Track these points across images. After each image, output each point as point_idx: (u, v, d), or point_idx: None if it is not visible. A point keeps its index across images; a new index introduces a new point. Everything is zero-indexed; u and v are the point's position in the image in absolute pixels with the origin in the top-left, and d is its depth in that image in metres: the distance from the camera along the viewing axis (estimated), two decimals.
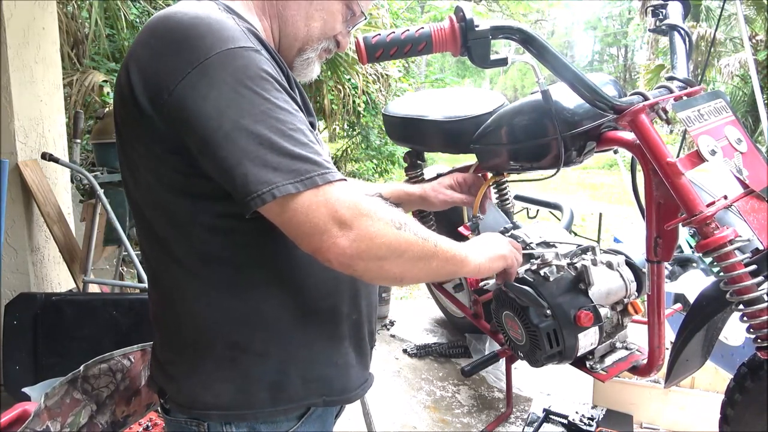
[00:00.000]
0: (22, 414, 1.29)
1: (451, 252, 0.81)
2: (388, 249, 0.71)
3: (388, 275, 0.74)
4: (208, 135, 0.68)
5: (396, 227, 0.72)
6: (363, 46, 1.02)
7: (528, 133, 1.47)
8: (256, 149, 0.67)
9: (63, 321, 1.96)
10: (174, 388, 0.84)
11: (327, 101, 5.31)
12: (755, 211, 1.16)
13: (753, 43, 8.66)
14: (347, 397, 0.88)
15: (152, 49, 0.72)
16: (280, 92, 0.71)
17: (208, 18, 0.71)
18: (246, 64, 0.69)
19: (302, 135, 0.70)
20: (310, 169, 0.68)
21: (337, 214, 0.68)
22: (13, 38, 2.09)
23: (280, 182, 0.66)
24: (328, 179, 0.69)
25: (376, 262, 0.71)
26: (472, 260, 0.86)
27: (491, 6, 14.74)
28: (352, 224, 0.68)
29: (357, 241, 0.68)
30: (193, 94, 0.68)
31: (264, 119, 0.68)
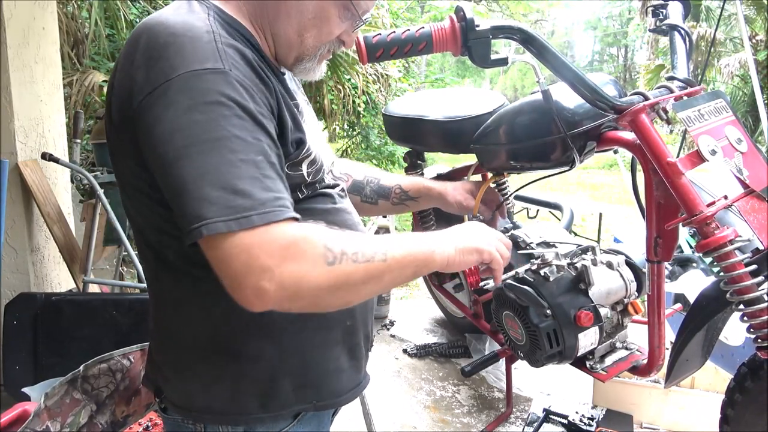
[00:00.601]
0: (22, 414, 1.29)
1: (410, 256, 0.75)
2: (319, 288, 0.67)
3: (330, 306, 0.72)
4: (157, 158, 0.67)
5: (329, 262, 0.67)
6: (363, 45, 1.02)
7: (528, 132, 1.47)
8: (197, 180, 0.64)
9: (63, 321, 1.96)
10: (170, 388, 0.85)
11: (327, 101, 5.31)
12: (755, 211, 1.16)
13: (753, 43, 8.65)
14: (338, 400, 0.88)
15: (129, 61, 0.71)
16: (240, 119, 0.67)
17: (183, 35, 0.69)
18: (207, 88, 0.66)
19: (253, 167, 0.65)
20: (249, 207, 0.63)
21: (259, 263, 0.63)
22: (13, 38, 2.09)
23: (213, 219, 0.62)
24: (270, 219, 0.64)
25: (309, 300, 0.68)
26: (439, 255, 0.80)
27: (491, 6, 14.74)
28: (274, 273, 0.63)
29: (280, 290, 0.64)
30: (150, 115, 0.67)
31: (211, 148, 0.64)
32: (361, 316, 0.90)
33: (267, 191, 0.65)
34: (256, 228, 0.63)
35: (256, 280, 0.63)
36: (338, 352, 0.87)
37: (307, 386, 0.84)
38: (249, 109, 0.68)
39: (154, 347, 0.89)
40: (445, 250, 0.80)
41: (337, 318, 0.86)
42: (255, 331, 0.80)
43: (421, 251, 0.78)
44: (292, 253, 0.65)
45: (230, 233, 0.62)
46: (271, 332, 0.80)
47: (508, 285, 1.49)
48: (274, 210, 0.65)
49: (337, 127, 7.55)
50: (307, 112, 0.93)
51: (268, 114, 0.72)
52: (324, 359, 0.85)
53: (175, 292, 0.81)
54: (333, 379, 0.87)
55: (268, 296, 0.64)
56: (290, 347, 0.82)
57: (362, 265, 0.70)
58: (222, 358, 0.81)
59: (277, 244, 0.64)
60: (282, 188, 0.68)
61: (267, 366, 0.81)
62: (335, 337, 0.86)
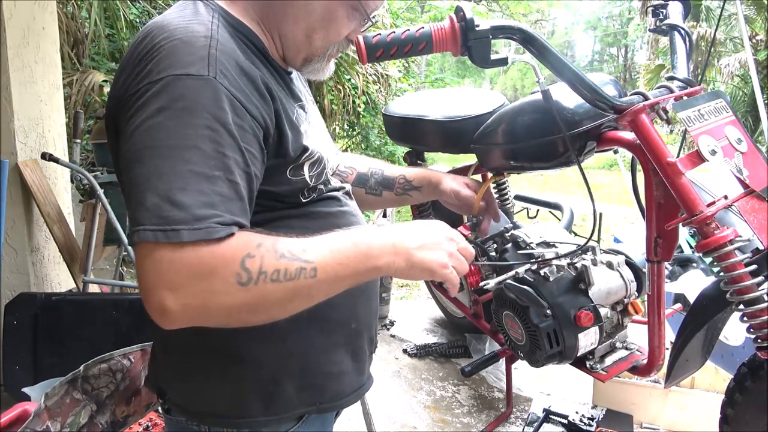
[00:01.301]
0: (22, 414, 1.29)
1: (348, 269, 0.70)
2: (231, 308, 0.64)
3: (257, 322, 0.69)
4: (122, 157, 0.67)
5: (241, 283, 0.63)
6: (363, 45, 1.02)
7: (529, 132, 1.47)
8: (143, 184, 0.63)
9: (63, 321, 1.96)
10: (173, 390, 0.85)
11: (327, 101, 5.31)
12: (755, 211, 1.16)
13: (753, 43, 8.65)
14: (340, 403, 0.88)
15: (127, 61, 0.72)
16: (209, 130, 0.65)
17: (179, 38, 0.69)
18: (182, 94, 0.65)
19: (204, 182, 0.63)
20: (180, 220, 0.61)
21: (167, 277, 0.61)
22: (13, 38, 2.09)
23: (144, 226, 0.61)
24: (199, 237, 0.61)
25: (225, 319, 0.66)
26: (385, 268, 0.73)
27: (491, 6, 14.74)
28: (180, 290, 0.61)
29: (186, 308, 0.62)
30: (129, 114, 0.67)
31: (166, 155, 0.63)
32: (365, 320, 0.90)
33: (208, 208, 0.63)
34: (183, 245, 0.61)
35: (160, 297, 0.61)
36: (341, 354, 0.87)
37: (309, 389, 0.84)
38: (224, 121, 0.66)
39: (157, 349, 0.90)
40: (394, 264, 0.74)
41: (340, 321, 0.86)
42: (258, 334, 0.79)
43: (362, 263, 0.71)
44: (202, 273, 0.62)
45: (156, 244, 0.61)
46: (274, 335, 0.80)
47: (508, 285, 1.49)
48: (208, 228, 0.62)
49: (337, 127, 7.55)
50: (312, 111, 0.92)
51: (254, 127, 0.70)
52: (327, 362, 0.85)
53: None
54: (336, 382, 0.87)
55: (172, 314, 0.62)
56: (293, 350, 0.82)
57: (282, 284, 0.66)
58: (225, 360, 0.81)
59: (189, 263, 0.61)
60: (235, 208, 0.65)
61: (270, 368, 0.81)
62: (338, 340, 0.86)
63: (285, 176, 0.78)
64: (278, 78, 0.81)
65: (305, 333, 0.83)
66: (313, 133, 0.86)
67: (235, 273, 0.63)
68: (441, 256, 0.77)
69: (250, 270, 0.64)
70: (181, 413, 0.84)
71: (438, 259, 0.76)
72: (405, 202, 1.23)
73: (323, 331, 0.84)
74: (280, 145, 0.75)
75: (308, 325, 0.82)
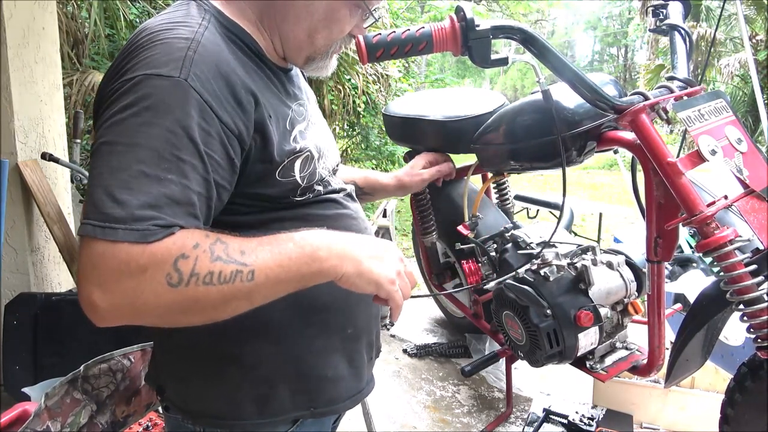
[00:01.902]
0: (22, 414, 1.29)
1: (290, 273, 0.69)
2: (159, 308, 0.63)
3: (191, 323, 0.68)
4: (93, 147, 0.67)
5: (171, 284, 0.62)
6: (364, 45, 1.02)
7: (529, 132, 1.47)
8: (95, 177, 0.63)
9: (63, 321, 1.96)
10: (170, 389, 0.86)
11: (327, 101, 5.30)
12: (755, 211, 1.16)
13: (753, 43, 8.65)
14: (335, 408, 0.88)
15: (116, 60, 0.73)
16: (168, 132, 0.64)
17: (160, 40, 0.69)
18: (149, 93, 0.65)
19: (153, 183, 0.62)
20: (120, 218, 0.61)
21: (97, 273, 0.61)
22: (13, 38, 2.09)
23: (88, 220, 0.61)
24: (136, 238, 0.61)
25: (156, 318, 0.66)
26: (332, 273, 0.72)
27: (491, 6, 14.73)
28: (107, 286, 0.61)
29: (114, 306, 0.61)
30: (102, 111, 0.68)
31: (121, 151, 0.63)
32: (363, 325, 0.89)
33: (150, 209, 0.62)
34: (117, 243, 0.60)
35: (89, 292, 0.61)
36: (337, 359, 0.86)
37: (304, 393, 0.84)
38: (186, 125, 0.65)
39: (156, 347, 0.90)
40: (341, 268, 0.71)
41: (336, 326, 0.85)
42: (253, 336, 0.80)
43: (306, 265, 0.69)
44: (132, 271, 0.61)
45: (93, 239, 0.61)
46: (269, 338, 0.80)
47: (508, 285, 1.50)
48: (145, 230, 0.61)
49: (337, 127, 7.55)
50: (313, 109, 0.91)
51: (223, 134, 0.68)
52: (322, 366, 0.85)
53: None
54: (331, 387, 0.86)
55: (100, 311, 0.61)
56: (288, 353, 0.82)
57: (216, 287, 0.64)
58: (219, 362, 0.81)
59: (119, 260, 0.61)
60: (181, 212, 0.64)
61: (264, 371, 0.81)
62: (334, 345, 0.86)
63: (274, 178, 0.77)
64: (273, 79, 0.81)
65: (301, 337, 0.82)
66: (312, 131, 0.86)
67: (166, 273, 0.62)
68: (390, 271, 0.75)
69: (182, 271, 0.63)
70: (178, 411, 0.84)
71: (387, 273, 0.75)
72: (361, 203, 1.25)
73: (319, 335, 0.84)
74: (265, 150, 0.74)
75: (304, 328, 0.82)
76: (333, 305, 0.84)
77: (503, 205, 2.22)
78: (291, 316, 0.81)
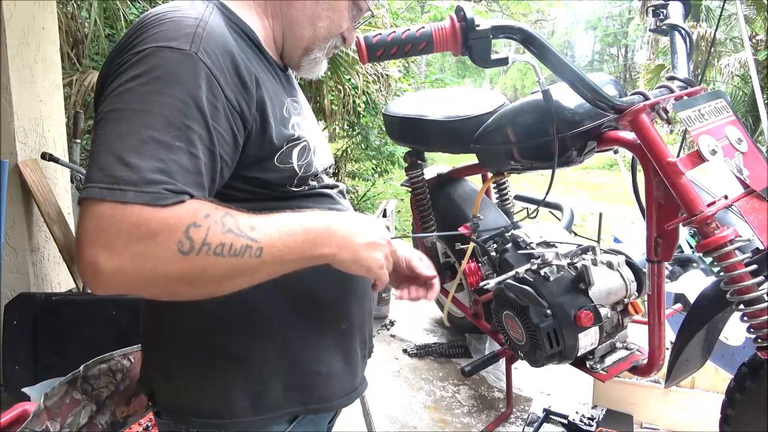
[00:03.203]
0: (22, 414, 1.29)
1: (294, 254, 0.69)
2: (167, 277, 0.62)
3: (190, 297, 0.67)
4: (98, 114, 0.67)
5: (182, 251, 0.61)
6: (364, 45, 1.02)
7: (529, 132, 1.47)
8: (102, 143, 0.62)
9: (63, 321, 1.96)
10: (161, 391, 0.85)
11: (327, 101, 5.30)
12: (755, 211, 1.16)
13: (753, 43, 8.65)
14: (329, 405, 0.87)
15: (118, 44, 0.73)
16: (178, 101, 0.64)
17: (166, 17, 0.70)
18: (159, 64, 0.65)
19: (162, 149, 0.62)
20: (130, 181, 0.60)
21: (105, 234, 0.59)
22: (13, 38, 2.09)
23: (94, 183, 0.60)
24: (146, 200, 0.60)
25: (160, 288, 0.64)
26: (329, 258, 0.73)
27: (491, 6, 14.73)
28: (116, 248, 0.59)
29: (121, 270, 0.59)
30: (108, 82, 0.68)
31: (129, 117, 0.63)
32: (357, 321, 0.89)
33: (161, 174, 0.61)
34: (127, 204, 0.59)
35: (94, 255, 0.59)
36: (331, 356, 0.86)
37: (297, 389, 0.83)
38: (196, 96, 0.65)
39: (145, 349, 0.89)
40: (339, 255, 0.74)
41: (330, 321, 0.85)
42: (245, 332, 0.79)
43: (309, 249, 0.71)
44: (142, 235, 0.60)
45: (100, 201, 0.59)
46: (261, 332, 0.80)
47: (508, 285, 1.49)
48: (155, 192, 0.60)
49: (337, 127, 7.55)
50: (306, 110, 0.92)
51: (228, 109, 0.69)
52: (316, 362, 0.84)
53: None
54: (325, 383, 0.86)
55: (104, 276, 0.59)
56: (281, 349, 0.81)
57: (225, 259, 0.64)
58: (212, 358, 0.80)
59: (130, 223, 0.59)
60: (190, 180, 0.64)
61: (257, 367, 0.81)
62: (328, 341, 0.85)
63: (273, 163, 0.77)
64: (271, 70, 0.82)
65: (294, 332, 0.82)
66: (307, 127, 0.86)
67: (178, 240, 0.61)
68: (381, 257, 0.78)
69: (194, 239, 0.62)
70: (169, 415, 0.83)
71: (379, 259, 0.78)
72: None
73: (312, 330, 0.83)
74: (264, 133, 0.75)
75: (297, 323, 0.82)
76: (326, 300, 0.84)
77: (503, 205, 2.22)
78: (283, 311, 0.80)
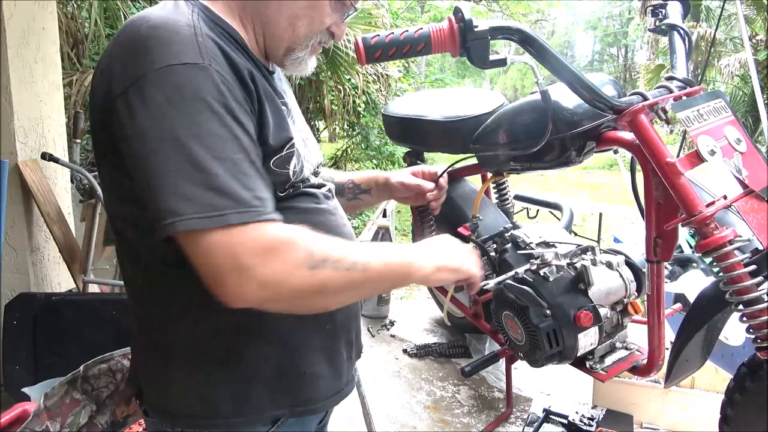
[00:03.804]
0: (22, 414, 1.29)
1: (389, 269, 0.76)
2: (299, 291, 0.68)
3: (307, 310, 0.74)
4: (132, 153, 0.66)
5: (309, 266, 0.67)
6: (362, 47, 1.02)
7: (528, 133, 1.47)
8: (172, 175, 0.63)
9: (63, 321, 1.96)
10: (148, 391, 0.85)
11: (327, 101, 5.30)
12: (755, 211, 1.16)
13: (753, 43, 8.65)
14: (315, 407, 0.87)
15: (111, 58, 0.71)
16: (217, 116, 0.66)
17: (164, 28, 0.68)
18: (181, 84, 0.66)
19: (231, 165, 0.65)
20: (225, 206, 0.63)
21: (240, 261, 0.63)
22: (13, 38, 2.09)
23: (188, 215, 0.62)
24: (247, 219, 0.64)
25: (288, 303, 0.70)
26: (417, 270, 0.79)
27: (491, 6, 14.72)
28: (256, 272, 0.64)
29: (261, 289, 0.65)
30: (127, 111, 0.66)
31: (186, 144, 0.64)
32: (342, 322, 0.88)
33: (246, 190, 0.65)
34: (232, 227, 0.63)
35: (237, 278, 0.63)
36: (316, 357, 0.85)
37: (282, 391, 0.83)
38: (229, 106, 0.67)
39: (133, 349, 0.90)
40: (424, 266, 0.80)
41: (315, 323, 0.84)
42: (229, 334, 0.79)
43: (400, 265, 0.78)
44: (275, 254, 0.65)
45: (205, 230, 0.63)
46: (246, 336, 0.80)
47: (508, 285, 1.49)
48: (253, 210, 0.65)
49: (337, 127, 7.55)
50: (294, 110, 0.92)
51: (248, 112, 0.71)
52: (300, 363, 0.84)
53: (150, 297, 0.81)
54: (310, 385, 0.85)
55: (248, 295, 0.64)
56: (265, 351, 0.81)
57: (342, 273, 0.70)
58: (196, 360, 0.80)
59: (259, 244, 0.64)
60: (262, 187, 0.68)
61: (241, 369, 0.80)
62: (312, 343, 0.85)
63: (268, 166, 0.77)
64: (260, 71, 0.81)
65: (278, 333, 0.81)
66: (295, 130, 0.86)
67: (305, 256, 0.67)
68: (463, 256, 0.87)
69: (315, 255, 0.68)
70: (156, 414, 0.83)
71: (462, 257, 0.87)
72: (357, 206, 1.24)
73: (297, 332, 0.83)
74: (261, 133, 0.75)
75: (281, 325, 0.81)
76: None
77: (503, 205, 2.22)
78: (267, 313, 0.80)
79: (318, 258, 0.68)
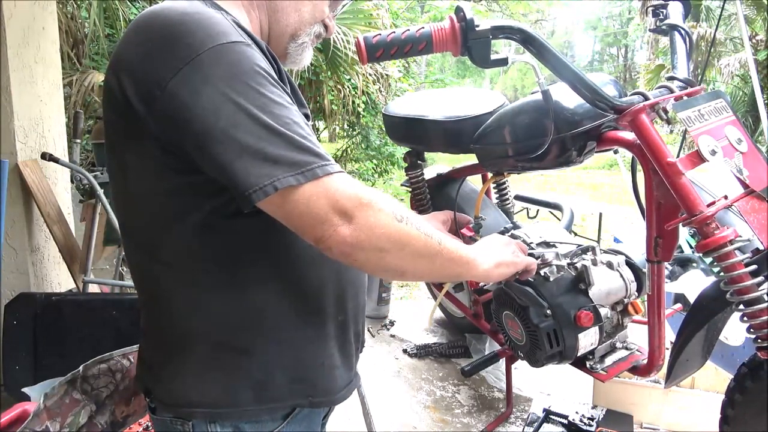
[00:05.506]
0: (22, 414, 1.29)
1: (457, 253, 0.80)
2: (389, 240, 0.71)
3: (389, 267, 0.74)
4: (205, 131, 0.67)
5: (398, 219, 0.72)
6: (363, 46, 1.02)
7: (529, 132, 1.47)
8: (255, 143, 0.67)
9: (63, 321, 1.96)
10: (161, 388, 0.84)
11: (327, 101, 5.30)
12: (755, 211, 1.16)
13: (753, 43, 8.65)
14: (332, 398, 0.87)
15: (141, 48, 0.71)
16: (273, 86, 0.71)
17: (196, 14, 0.71)
18: (239, 59, 0.69)
19: (299, 128, 0.70)
20: (310, 161, 0.68)
21: (338, 204, 0.68)
22: (13, 38, 2.09)
23: (281, 175, 0.67)
24: (328, 171, 0.69)
25: (376, 252, 0.71)
26: (480, 264, 0.86)
27: (491, 6, 14.72)
28: (353, 214, 0.69)
29: (357, 231, 0.69)
30: (187, 91, 0.67)
31: (261, 113, 0.68)
32: (352, 313, 0.90)
33: (317, 147, 0.71)
34: (320, 178, 0.68)
35: (338, 220, 0.68)
36: (331, 347, 0.87)
37: (301, 381, 0.83)
38: (275, 79, 0.72)
39: (146, 346, 0.89)
40: (485, 263, 0.86)
41: (329, 313, 0.85)
42: (249, 325, 0.79)
43: (466, 254, 0.82)
44: (369, 202, 0.70)
45: (299, 185, 0.67)
46: (266, 326, 0.80)
47: (508, 285, 1.49)
48: (330, 163, 0.70)
49: (337, 127, 7.55)
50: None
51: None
52: (318, 354, 0.85)
53: (168, 290, 0.81)
54: (327, 375, 0.86)
55: (347, 237, 0.69)
56: (285, 341, 0.82)
57: (423, 237, 0.74)
58: (216, 351, 0.80)
59: (350, 191, 0.69)
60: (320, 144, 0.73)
61: (261, 359, 0.81)
62: (328, 332, 0.86)
63: None
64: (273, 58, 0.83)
65: (296, 324, 0.82)
66: None
67: (392, 209, 0.72)
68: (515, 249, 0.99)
69: (396, 209, 0.72)
70: (166, 410, 0.83)
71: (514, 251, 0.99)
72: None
73: (313, 322, 0.84)
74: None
75: (298, 316, 0.82)
76: (324, 291, 0.84)
77: (503, 205, 2.22)
78: (284, 303, 0.81)
79: (400, 213, 0.72)
